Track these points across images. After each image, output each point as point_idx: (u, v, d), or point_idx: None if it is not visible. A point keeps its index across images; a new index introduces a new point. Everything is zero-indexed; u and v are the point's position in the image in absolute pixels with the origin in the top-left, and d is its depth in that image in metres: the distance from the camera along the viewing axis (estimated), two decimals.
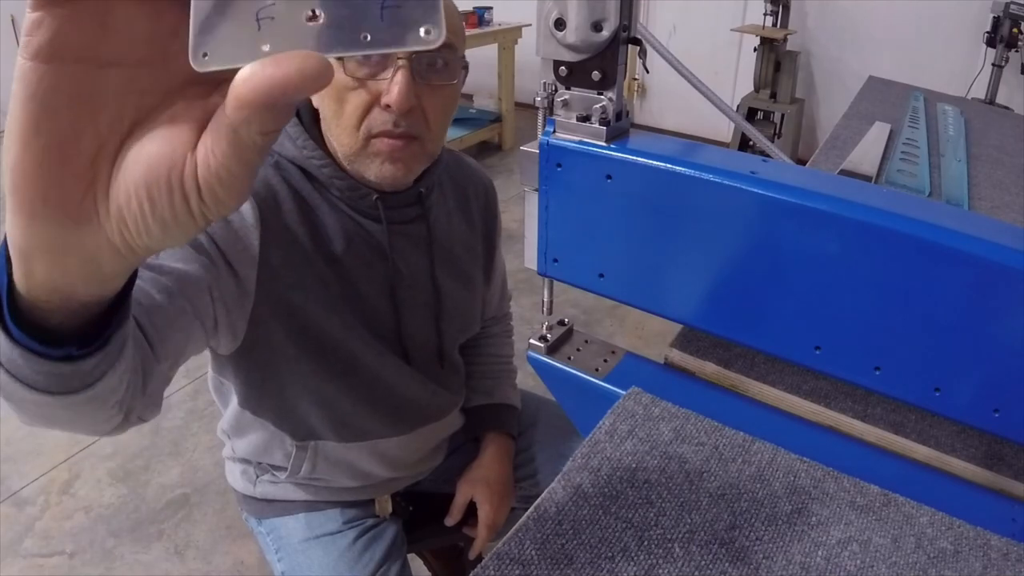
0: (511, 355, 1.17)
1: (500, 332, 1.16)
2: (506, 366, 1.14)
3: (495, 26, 3.86)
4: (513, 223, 3.31)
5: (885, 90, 1.85)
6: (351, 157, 0.77)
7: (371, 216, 0.82)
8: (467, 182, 0.98)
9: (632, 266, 0.69)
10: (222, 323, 0.73)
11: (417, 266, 0.88)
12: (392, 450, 0.95)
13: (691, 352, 0.78)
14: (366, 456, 0.94)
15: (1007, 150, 1.45)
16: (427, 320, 0.91)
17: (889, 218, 0.55)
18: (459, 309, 0.96)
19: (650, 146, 0.64)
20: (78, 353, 0.36)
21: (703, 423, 0.67)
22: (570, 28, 0.59)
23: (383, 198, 0.81)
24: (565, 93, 0.65)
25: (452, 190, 0.95)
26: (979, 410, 0.58)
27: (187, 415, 2.07)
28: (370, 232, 0.83)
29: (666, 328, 0.77)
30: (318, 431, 0.89)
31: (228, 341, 0.77)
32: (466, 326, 1.00)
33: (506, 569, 0.51)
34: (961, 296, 0.54)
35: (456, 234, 0.94)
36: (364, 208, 0.82)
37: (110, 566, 1.62)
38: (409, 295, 0.88)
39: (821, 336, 0.62)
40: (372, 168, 0.77)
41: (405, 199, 0.84)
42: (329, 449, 0.92)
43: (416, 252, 0.87)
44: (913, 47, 3.51)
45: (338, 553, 0.94)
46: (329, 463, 0.93)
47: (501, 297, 1.14)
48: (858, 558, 0.54)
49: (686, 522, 0.56)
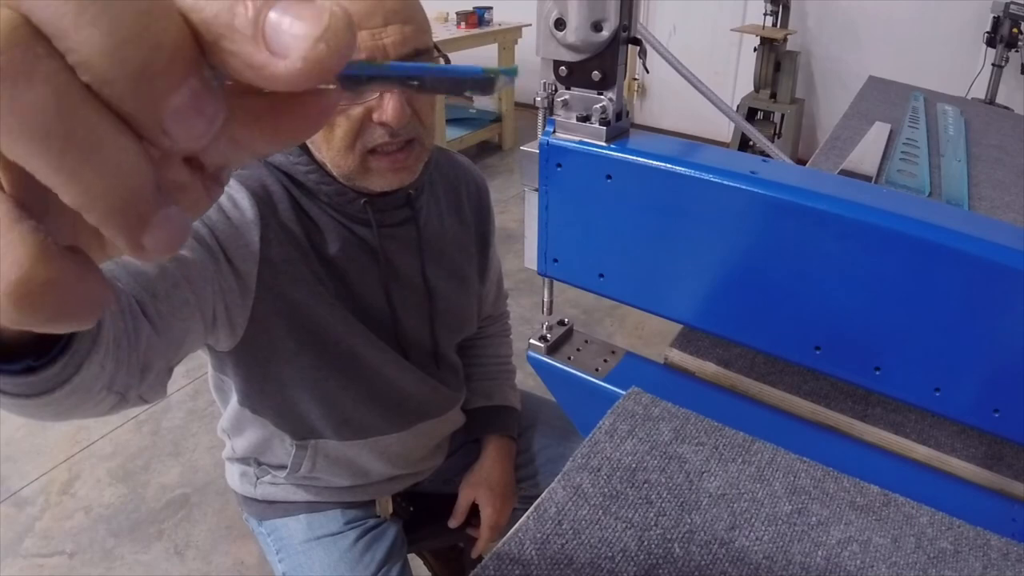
0: (509, 355, 1.17)
1: (497, 332, 1.16)
2: (505, 367, 1.14)
3: (495, 26, 3.86)
4: (513, 223, 3.31)
5: (885, 90, 1.85)
6: (350, 176, 0.76)
7: (360, 221, 0.82)
8: (459, 181, 0.97)
9: (632, 266, 0.69)
10: (220, 318, 0.73)
11: (409, 267, 0.88)
12: (393, 447, 0.95)
13: (691, 352, 0.78)
14: (366, 453, 0.94)
15: (1007, 150, 1.45)
16: (421, 321, 0.91)
17: (889, 218, 0.55)
18: (453, 310, 0.95)
19: (650, 146, 0.64)
20: (36, 364, 0.35)
21: (703, 423, 0.67)
22: (570, 28, 0.59)
23: (371, 202, 0.81)
24: (565, 93, 0.65)
25: (444, 190, 0.94)
26: (979, 410, 0.58)
27: (187, 415, 2.07)
28: (361, 236, 0.83)
29: (666, 328, 0.77)
30: (318, 429, 0.89)
31: (227, 336, 0.76)
32: (461, 326, 1.00)
33: (506, 569, 0.51)
34: (961, 296, 0.54)
35: (449, 234, 0.93)
36: (353, 213, 0.81)
37: (110, 566, 1.62)
38: (403, 296, 0.88)
39: (821, 336, 0.62)
40: (377, 182, 0.76)
41: (394, 201, 0.84)
42: (330, 447, 0.92)
43: (407, 254, 0.87)
44: (913, 47, 3.51)
45: (339, 554, 0.94)
46: (329, 461, 0.93)
47: (497, 296, 1.13)
48: (858, 558, 0.54)
49: (686, 522, 0.56)
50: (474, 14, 3.76)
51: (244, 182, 0.76)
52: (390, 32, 0.68)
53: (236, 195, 0.74)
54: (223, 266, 0.72)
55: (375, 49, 0.68)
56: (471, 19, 3.75)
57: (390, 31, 0.69)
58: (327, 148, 0.74)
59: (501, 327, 1.17)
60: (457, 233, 0.95)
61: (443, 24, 3.95)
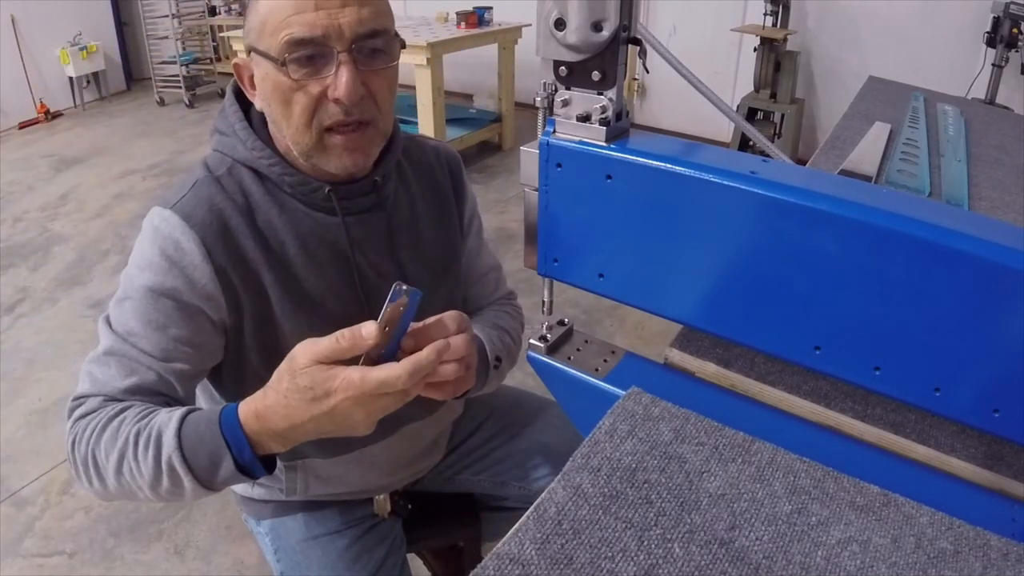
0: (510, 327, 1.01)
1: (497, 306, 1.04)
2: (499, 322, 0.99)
3: (495, 26, 3.87)
4: (513, 223, 3.31)
5: (885, 90, 1.85)
6: (308, 153, 0.77)
7: (326, 209, 0.82)
8: (431, 164, 0.95)
9: (632, 266, 0.69)
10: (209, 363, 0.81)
11: (380, 256, 0.86)
12: (380, 456, 0.94)
13: (691, 352, 0.78)
14: (355, 467, 0.93)
15: (1007, 150, 1.45)
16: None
17: (889, 218, 0.55)
18: (431, 296, 0.89)
19: (650, 146, 0.64)
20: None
21: (703, 423, 0.67)
22: (570, 28, 0.59)
23: (336, 189, 0.81)
24: (565, 93, 0.65)
25: (416, 175, 0.92)
26: (979, 410, 0.58)
27: None
28: (327, 228, 0.82)
29: (666, 328, 0.77)
30: (301, 449, 0.87)
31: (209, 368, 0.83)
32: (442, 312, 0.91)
33: (506, 569, 0.51)
34: (961, 296, 0.54)
35: (424, 219, 0.91)
36: (318, 202, 0.81)
37: (110, 566, 1.62)
38: (375, 286, 0.86)
39: (821, 336, 0.62)
40: (332, 161, 0.77)
41: (360, 188, 0.83)
42: (317, 466, 0.92)
43: (377, 241, 0.86)
44: (913, 47, 3.51)
45: (337, 553, 0.94)
46: (321, 480, 0.93)
47: (497, 282, 1.06)
48: (858, 558, 0.54)
49: (686, 522, 0.56)
50: (474, 14, 3.77)
51: (188, 216, 0.76)
52: (347, 13, 0.71)
53: (179, 238, 0.75)
54: (201, 322, 0.77)
55: (331, 27, 0.70)
56: (471, 19, 3.75)
57: (347, 12, 0.71)
58: (287, 125, 0.75)
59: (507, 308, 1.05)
60: (436, 214, 0.93)
61: (443, 24, 3.95)
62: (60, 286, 2.85)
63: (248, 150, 0.80)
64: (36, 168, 4.16)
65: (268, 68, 0.73)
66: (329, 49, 0.71)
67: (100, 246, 3.18)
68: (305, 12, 0.70)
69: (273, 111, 0.76)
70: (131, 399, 0.74)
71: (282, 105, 0.74)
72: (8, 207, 3.62)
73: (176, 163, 4.18)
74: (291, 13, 0.70)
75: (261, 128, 0.81)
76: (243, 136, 0.80)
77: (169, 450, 0.67)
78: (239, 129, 0.80)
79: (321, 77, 0.72)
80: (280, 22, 0.70)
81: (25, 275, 2.94)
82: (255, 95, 0.79)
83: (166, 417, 0.69)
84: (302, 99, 0.73)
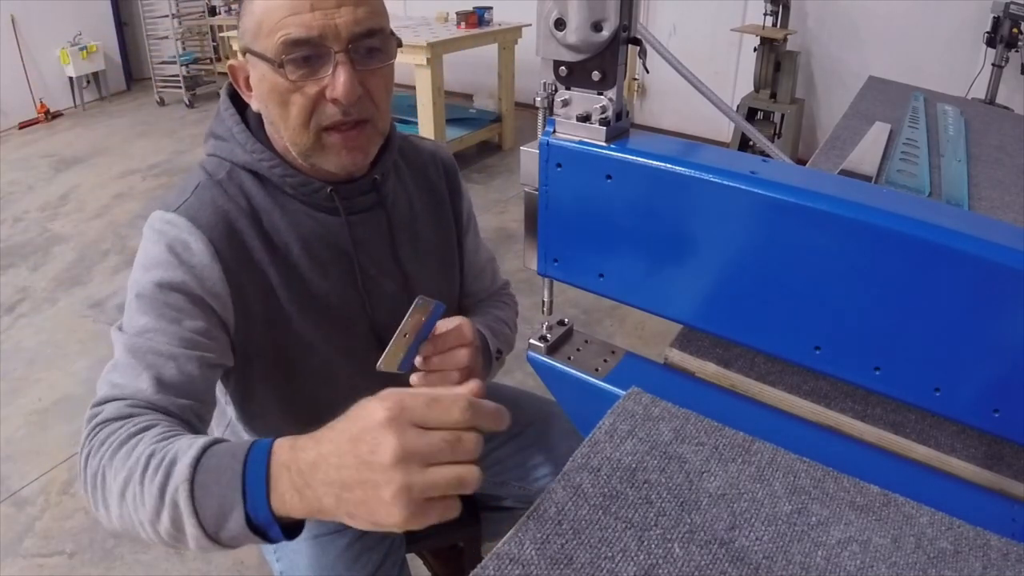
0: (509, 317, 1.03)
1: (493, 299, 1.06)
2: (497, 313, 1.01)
3: (495, 26, 3.87)
4: (513, 223, 3.31)
5: (885, 90, 1.85)
6: (306, 153, 0.77)
7: (327, 210, 0.82)
8: (426, 163, 0.96)
9: (632, 266, 0.69)
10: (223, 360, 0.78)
11: (380, 254, 0.87)
12: None
13: (691, 352, 0.78)
14: None
15: (1007, 150, 1.45)
16: (398, 308, 0.88)
17: (889, 218, 0.55)
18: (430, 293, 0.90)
19: (650, 146, 0.64)
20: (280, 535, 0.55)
21: (703, 423, 0.67)
22: (570, 28, 0.59)
23: (337, 189, 0.81)
24: (565, 93, 0.65)
25: (412, 174, 0.94)
26: (979, 410, 0.58)
27: None
28: (328, 228, 0.83)
29: (666, 328, 0.77)
30: None
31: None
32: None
33: (506, 569, 0.51)
34: (961, 296, 0.54)
35: (421, 217, 0.92)
36: (319, 202, 0.82)
37: (110, 566, 1.62)
38: (376, 285, 0.87)
39: (821, 336, 0.62)
40: (331, 160, 0.77)
41: (360, 188, 0.84)
42: None
43: (378, 240, 0.87)
44: (913, 47, 3.51)
45: (337, 553, 0.93)
46: None
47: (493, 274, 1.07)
48: (858, 558, 0.54)
49: (686, 522, 0.56)
50: (474, 14, 3.76)
51: (194, 218, 0.75)
52: (343, 13, 0.71)
53: (187, 239, 0.75)
54: (212, 317, 0.75)
55: (327, 28, 0.70)
56: (471, 19, 3.75)
57: (343, 12, 0.71)
58: (284, 126, 0.75)
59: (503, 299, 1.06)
60: (432, 215, 0.94)
61: (443, 24, 3.95)
62: (60, 286, 2.85)
63: (248, 153, 0.79)
64: (36, 168, 4.16)
65: (264, 69, 0.73)
66: (326, 49, 0.71)
67: (100, 246, 3.18)
68: (301, 13, 0.70)
69: (270, 112, 0.76)
70: (152, 400, 0.67)
71: (279, 106, 0.74)
72: (8, 207, 3.62)
73: (176, 163, 4.18)
74: (287, 14, 0.70)
75: (258, 130, 0.81)
76: (242, 139, 0.80)
77: (178, 481, 0.56)
78: (237, 133, 0.80)
79: (318, 78, 0.72)
80: (276, 23, 0.70)
81: (25, 275, 2.94)
82: (251, 96, 0.79)
83: (187, 443, 0.59)
84: (300, 100, 0.73)
